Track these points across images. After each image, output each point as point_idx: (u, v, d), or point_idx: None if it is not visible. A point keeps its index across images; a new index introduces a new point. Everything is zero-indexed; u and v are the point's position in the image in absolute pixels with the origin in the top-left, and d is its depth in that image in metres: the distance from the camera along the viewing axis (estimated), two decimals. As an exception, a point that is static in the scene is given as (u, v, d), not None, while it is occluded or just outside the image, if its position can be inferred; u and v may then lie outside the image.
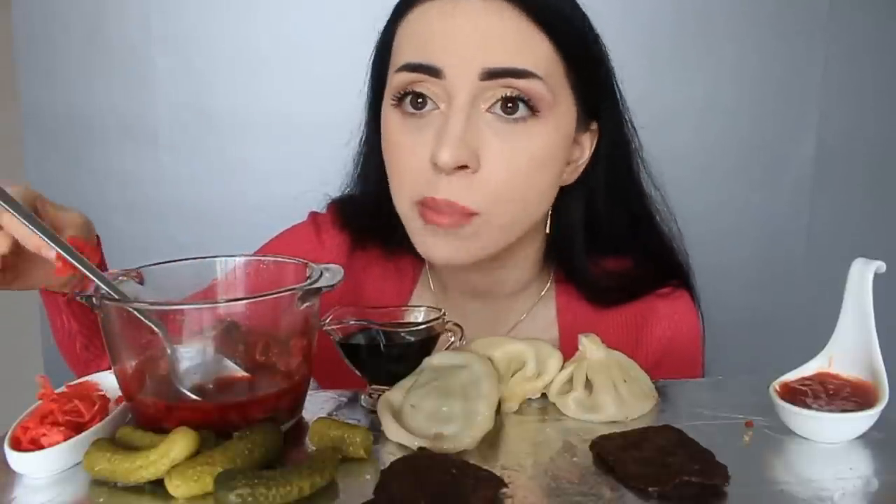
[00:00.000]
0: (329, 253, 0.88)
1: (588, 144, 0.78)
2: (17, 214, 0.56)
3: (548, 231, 0.80)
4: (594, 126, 0.78)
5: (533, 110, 0.69)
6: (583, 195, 0.79)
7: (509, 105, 0.69)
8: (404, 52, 0.72)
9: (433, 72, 0.69)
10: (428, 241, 0.72)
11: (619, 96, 0.80)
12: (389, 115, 0.73)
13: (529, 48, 0.69)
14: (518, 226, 0.74)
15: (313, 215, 0.92)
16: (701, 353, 0.85)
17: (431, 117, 0.70)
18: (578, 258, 0.81)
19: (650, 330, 0.82)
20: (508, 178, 0.70)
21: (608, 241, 0.82)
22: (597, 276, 0.82)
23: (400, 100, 0.72)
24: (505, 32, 0.68)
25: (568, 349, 0.82)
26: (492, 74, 0.68)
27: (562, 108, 0.72)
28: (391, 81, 0.72)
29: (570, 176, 0.78)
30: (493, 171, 0.69)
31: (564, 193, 0.79)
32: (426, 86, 0.70)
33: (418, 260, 0.87)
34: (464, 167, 0.68)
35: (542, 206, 0.76)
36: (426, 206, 0.71)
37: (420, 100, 0.70)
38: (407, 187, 0.72)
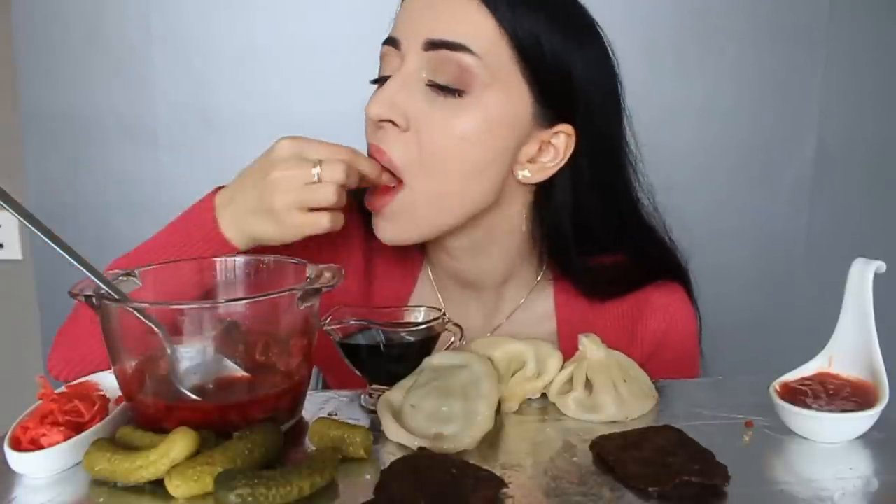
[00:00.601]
0: (349, 236, 0.88)
1: (562, 146, 0.77)
2: (17, 214, 0.56)
3: (524, 228, 0.81)
4: (567, 129, 0.77)
5: (463, 85, 0.72)
6: (569, 197, 0.79)
7: (441, 76, 0.73)
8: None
9: (394, 42, 0.76)
10: (375, 224, 0.78)
11: (609, 106, 0.79)
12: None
13: (470, 25, 0.73)
14: (448, 203, 0.76)
15: None
16: (697, 347, 0.86)
17: None
18: (570, 255, 0.82)
19: (645, 323, 0.83)
20: (433, 145, 0.73)
21: (600, 241, 0.83)
22: (591, 271, 0.83)
23: (379, 71, 0.78)
24: (450, 8, 0.73)
25: (566, 343, 0.83)
26: (431, 45, 0.73)
27: (501, 92, 0.73)
28: None
29: (536, 175, 0.78)
30: (420, 134, 0.73)
31: (548, 194, 0.79)
32: (391, 57, 0.76)
33: (421, 250, 0.89)
34: (393, 123, 0.73)
35: (475, 187, 0.76)
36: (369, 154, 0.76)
37: (388, 68, 0.76)
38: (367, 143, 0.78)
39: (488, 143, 0.74)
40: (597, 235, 0.82)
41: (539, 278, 0.87)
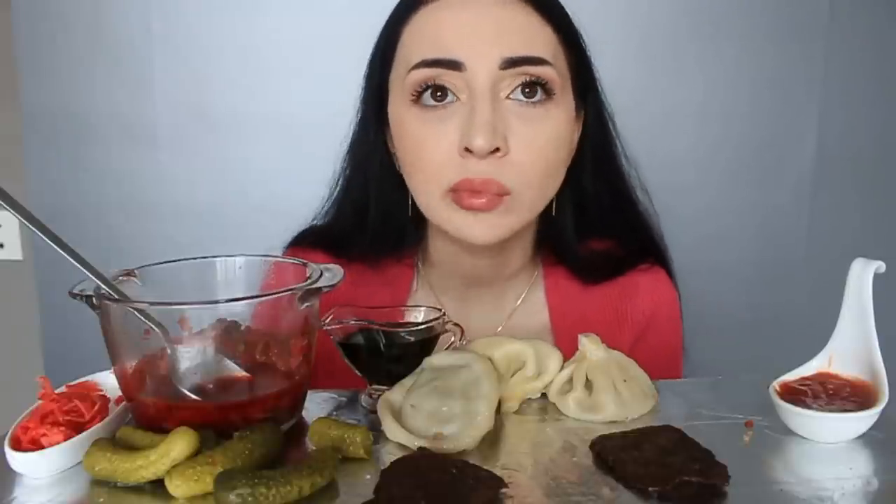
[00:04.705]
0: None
1: (578, 128, 0.81)
2: (17, 214, 0.56)
3: (553, 213, 0.82)
4: (582, 112, 0.81)
5: (549, 94, 0.74)
6: (572, 178, 0.81)
7: (528, 90, 0.73)
8: (417, 50, 0.74)
9: (454, 65, 0.72)
10: (463, 223, 0.75)
11: (598, 81, 0.83)
12: (406, 113, 0.75)
13: (540, 37, 0.74)
14: (539, 203, 0.78)
15: (293, 251, 0.90)
16: (680, 324, 0.89)
17: (453, 108, 0.73)
18: (570, 238, 0.85)
19: (634, 304, 0.86)
20: (534, 159, 0.73)
21: (593, 222, 0.85)
22: (585, 255, 0.86)
23: (419, 95, 0.74)
24: (518, 24, 0.73)
25: (558, 328, 0.84)
26: (511, 63, 0.72)
27: (567, 91, 0.76)
28: (406, 80, 0.75)
29: (569, 157, 0.81)
30: (520, 153, 0.73)
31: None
32: (446, 79, 0.73)
33: (408, 267, 0.88)
34: (495, 151, 0.71)
35: (558, 184, 0.79)
36: (462, 191, 0.73)
37: (440, 93, 0.73)
38: (436, 177, 0.74)
39: (568, 141, 0.78)
40: (593, 212, 0.85)
41: (538, 269, 0.88)
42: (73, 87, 1.34)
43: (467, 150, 0.71)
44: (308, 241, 0.89)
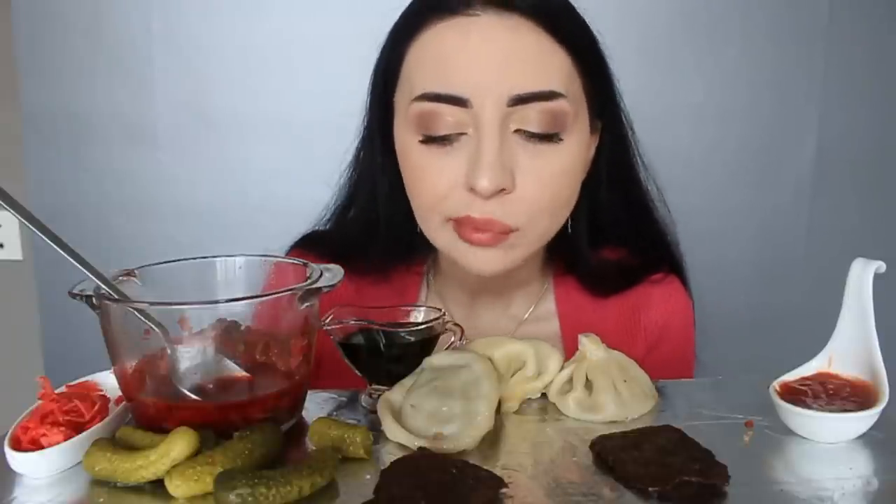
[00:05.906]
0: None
1: (594, 143, 0.79)
2: (17, 214, 0.56)
3: (570, 231, 0.80)
4: (599, 125, 0.79)
5: (560, 128, 0.70)
6: (587, 190, 0.80)
7: (537, 126, 0.69)
8: (421, 79, 0.71)
9: (459, 101, 0.68)
10: (467, 252, 0.73)
11: (617, 93, 0.81)
12: (409, 141, 0.72)
13: (552, 67, 0.69)
14: (549, 233, 0.76)
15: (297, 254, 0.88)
16: (693, 332, 0.88)
17: (459, 142, 0.70)
18: (583, 250, 0.83)
19: (647, 315, 0.85)
20: (542, 194, 0.71)
21: (607, 232, 0.84)
22: (597, 266, 0.84)
23: (423, 128, 0.71)
24: (527, 54, 0.68)
25: (568, 337, 0.83)
26: (520, 100, 0.68)
27: (581, 118, 0.73)
28: (409, 110, 0.71)
29: (585, 173, 0.79)
30: (527, 190, 0.70)
31: None
32: (450, 113, 0.69)
33: (416, 276, 0.87)
34: (500, 190, 0.69)
35: (569, 211, 0.77)
36: (464, 225, 0.71)
37: (445, 127, 0.70)
38: (438, 207, 0.72)
39: (580, 169, 0.75)
40: (607, 223, 0.83)
41: (549, 279, 0.87)
42: (73, 87, 1.34)
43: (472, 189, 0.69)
44: (317, 251, 0.85)
